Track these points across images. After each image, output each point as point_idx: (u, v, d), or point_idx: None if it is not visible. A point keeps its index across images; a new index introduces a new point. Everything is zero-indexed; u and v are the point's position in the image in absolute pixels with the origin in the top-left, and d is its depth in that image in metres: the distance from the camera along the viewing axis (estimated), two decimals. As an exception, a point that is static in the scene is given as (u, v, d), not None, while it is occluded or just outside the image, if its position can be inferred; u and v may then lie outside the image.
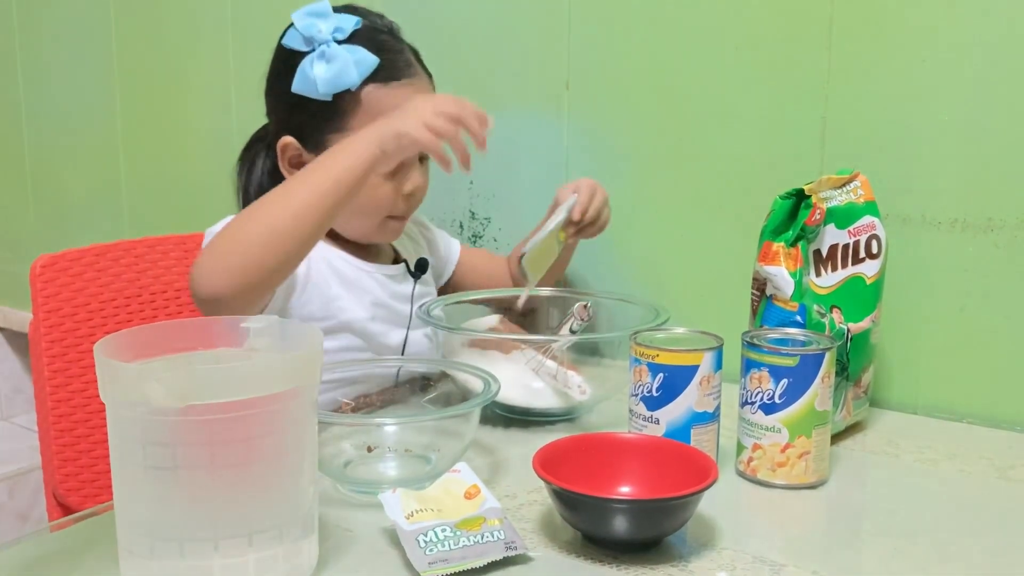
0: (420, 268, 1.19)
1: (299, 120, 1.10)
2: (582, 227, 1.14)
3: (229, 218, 1.09)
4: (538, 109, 1.35)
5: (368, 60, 1.06)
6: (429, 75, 1.13)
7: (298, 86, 1.07)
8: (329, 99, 1.06)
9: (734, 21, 1.18)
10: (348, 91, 1.06)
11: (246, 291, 0.93)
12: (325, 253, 1.11)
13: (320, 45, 1.06)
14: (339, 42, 1.06)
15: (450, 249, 1.31)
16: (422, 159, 1.13)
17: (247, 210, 0.97)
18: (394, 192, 1.10)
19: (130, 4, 1.85)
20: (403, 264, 1.19)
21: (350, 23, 1.07)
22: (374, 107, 1.06)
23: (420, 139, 0.93)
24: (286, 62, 1.09)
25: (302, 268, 1.06)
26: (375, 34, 1.09)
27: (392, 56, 1.09)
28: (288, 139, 1.10)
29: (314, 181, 0.94)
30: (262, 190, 1.15)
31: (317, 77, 1.05)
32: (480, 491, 0.75)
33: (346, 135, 1.06)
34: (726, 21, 1.19)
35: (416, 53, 1.13)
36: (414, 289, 1.17)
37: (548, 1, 1.32)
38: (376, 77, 1.07)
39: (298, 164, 1.11)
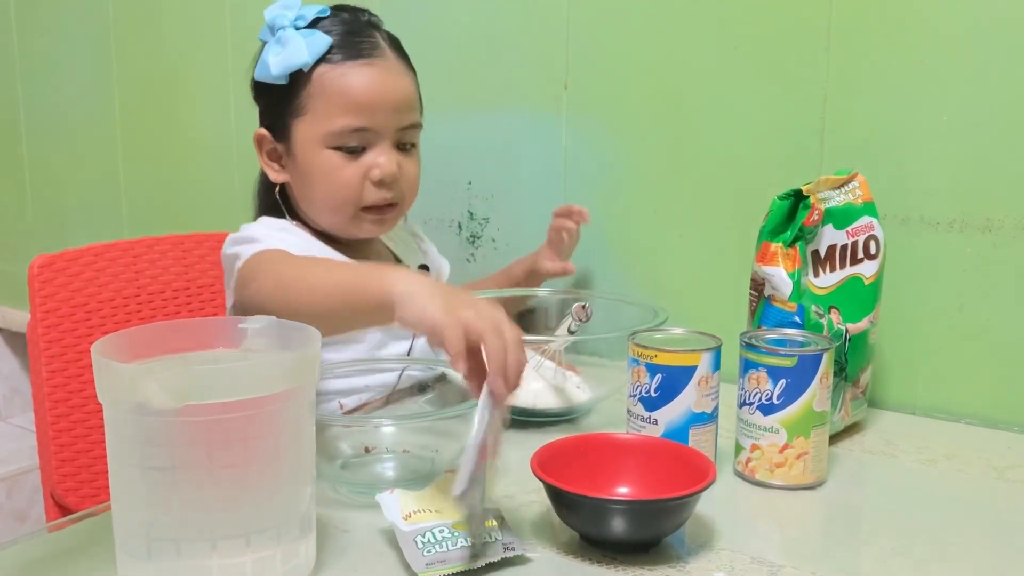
0: None
1: (266, 109, 1.11)
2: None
3: (255, 224, 1.09)
4: (537, 110, 1.35)
5: (320, 40, 1.06)
6: (408, 63, 1.12)
7: (258, 73, 1.08)
8: (285, 82, 1.06)
9: (733, 21, 1.18)
10: (302, 72, 1.06)
11: None
12: None
13: (279, 31, 1.07)
14: (299, 28, 1.07)
15: (440, 269, 1.27)
16: (401, 147, 1.10)
17: (290, 272, 0.94)
18: (359, 176, 1.07)
19: (129, 4, 1.84)
20: None
21: (313, 11, 1.08)
22: (328, 86, 1.06)
23: (444, 337, 0.73)
24: (259, 55, 1.10)
25: None
26: (341, 22, 1.09)
27: (353, 38, 1.07)
28: (261, 131, 1.11)
29: (338, 289, 0.86)
30: (266, 186, 1.15)
31: (271, 61, 1.06)
32: (478, 492, 0.75)
33: (304, 119, 1.06)
34: (725, 21, 1.18)
35: (395, 43, 1.11)
36: None
37: (547, 2, 1.32)
38: (331, 58, 1.06)
39: (274, 157, 1.11)
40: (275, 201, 1.14)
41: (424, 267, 1.18)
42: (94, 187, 1.97)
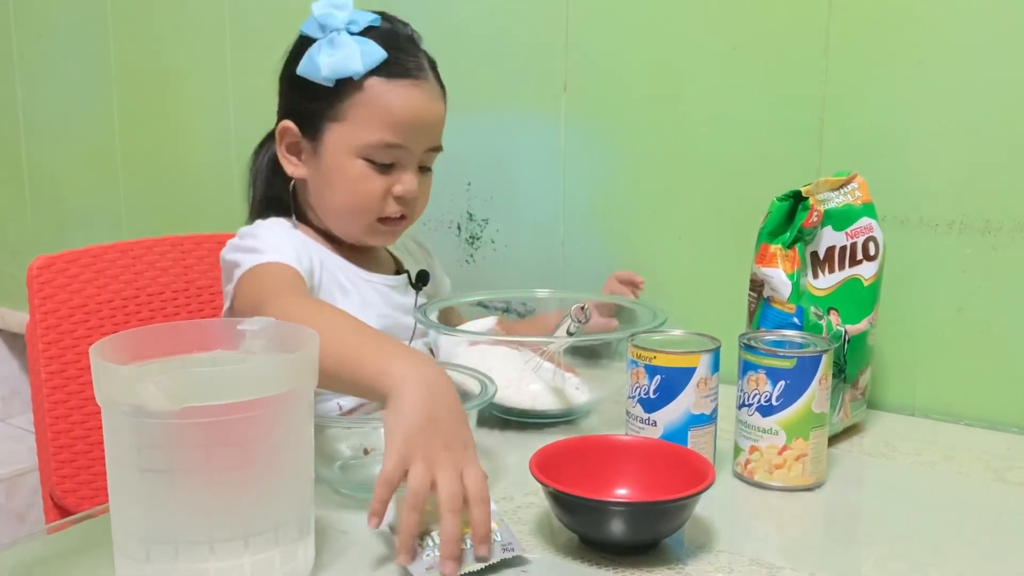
0: (422, 280, 1.17)
1: (301, 105, 1.10)
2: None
3: (257, 229, 1.09)
4: (536, 111, 1.35)
5: (375, 52, 1.05)
6: (443, 88, 1.12)
7: (303, 68, 1.07)
8: (331, 84, 1.06)
9: (732, 23, 1.18)
10: (351, 79, 1.06)
11: None
12: (328, 263, 1.10)
13: (332, 32, 1.06)
14: (352, 33, 1.06)
15: (443, 286, 1.27)
16: (422, 168, 1.11)
17: (300, 316, 0.85)
18: (384, 190, 1.08)
19: (127, 6, 1.84)
20: (405, 275, 1.17)
21: (366, 19, 1.07)
22: (374, 99, 1.05)
23: (384, 471, 0.73)
24: (299, 48, 1.09)
25: (312, 280, 1.06)
26: (390, 35, 1.09)
27: (403, 56, 1.08)
28: (288, 123, 1.10)
29: (336, 355, 0.80)
30: (267, 177, 1.15)
31: (322, 61, 1.05)
32: (477, 493, 0.75)
33: (342, 125, 1.06)
34: (724, 23, 1.19)
35: (433, 65, 1.12)
36: (416, 301, 1.16)
37: (546, 4, 1.32)
38: (381, 71, 1.06)
39: (295, 151, 1.11)
40: (273, 195, 1.13)
41: (423, 272, 1.18)
42: (93, 188, 1.97)
